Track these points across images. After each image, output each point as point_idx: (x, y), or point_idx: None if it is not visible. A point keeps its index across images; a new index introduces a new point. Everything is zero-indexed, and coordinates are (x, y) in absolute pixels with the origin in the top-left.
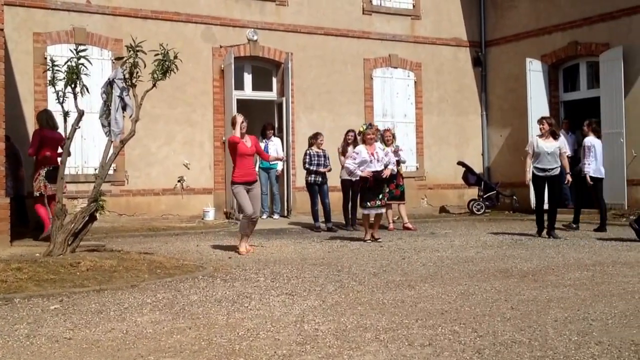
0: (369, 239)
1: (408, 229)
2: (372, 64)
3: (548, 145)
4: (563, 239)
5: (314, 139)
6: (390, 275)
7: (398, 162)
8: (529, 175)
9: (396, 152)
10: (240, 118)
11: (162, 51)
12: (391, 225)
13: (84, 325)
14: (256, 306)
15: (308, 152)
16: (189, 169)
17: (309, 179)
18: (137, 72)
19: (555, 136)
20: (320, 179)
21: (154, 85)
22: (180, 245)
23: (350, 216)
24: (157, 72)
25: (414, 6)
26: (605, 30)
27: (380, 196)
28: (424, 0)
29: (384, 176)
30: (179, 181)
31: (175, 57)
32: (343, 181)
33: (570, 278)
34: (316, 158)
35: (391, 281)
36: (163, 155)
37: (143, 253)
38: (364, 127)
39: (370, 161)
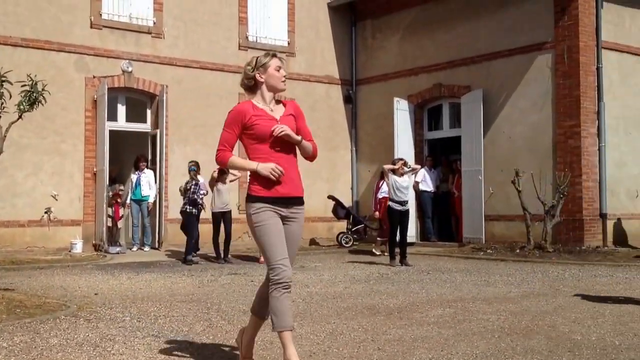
0: None
1: None
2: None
3: (403, 179)
4: (426, 272)
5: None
6: None
7: None
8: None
9: None
10: (269, 60)
11: (30, 82)
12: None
13: None
14: (120, 350)
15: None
16: (57, 200)
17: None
18: (2, 103)
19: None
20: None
21: (20, 117)
22: (45, 280)
23: (222, 249)
24: (24, 103)
25: (289, 43)
26: (466, 74)
27: None
28: (299, 38)
29: None
30: (46, 212)
31: (44, 88)
32: (214, 214)
33: (434, 315)
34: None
35: None
36: (30, 186)
37: (2, 290)
38: None
39: None
